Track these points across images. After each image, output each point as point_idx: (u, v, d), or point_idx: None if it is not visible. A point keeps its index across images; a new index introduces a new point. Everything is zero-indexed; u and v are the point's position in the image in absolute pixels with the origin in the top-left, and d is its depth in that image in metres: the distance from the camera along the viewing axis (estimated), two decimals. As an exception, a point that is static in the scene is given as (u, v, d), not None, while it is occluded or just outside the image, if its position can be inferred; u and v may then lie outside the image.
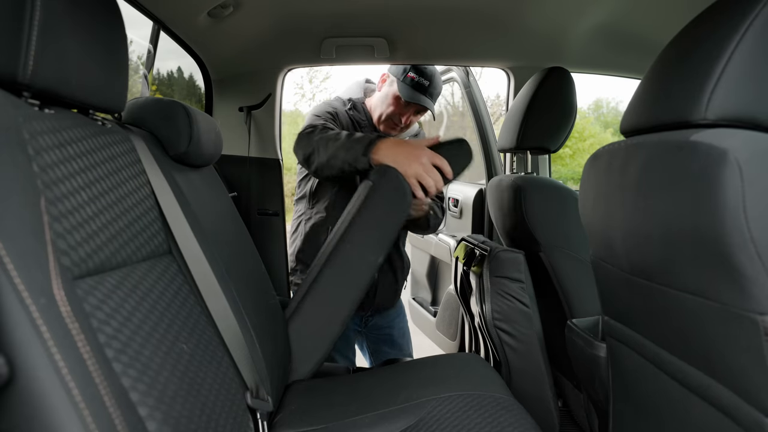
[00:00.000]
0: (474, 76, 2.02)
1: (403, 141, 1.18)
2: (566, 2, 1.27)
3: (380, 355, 1.64)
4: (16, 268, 0.42)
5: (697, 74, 0.53)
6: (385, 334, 1.63)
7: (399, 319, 1.66)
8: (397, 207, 1.14)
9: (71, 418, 0.42)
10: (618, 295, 0.74)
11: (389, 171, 1.14)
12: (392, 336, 1.63)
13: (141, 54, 1.43)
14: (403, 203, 1.14)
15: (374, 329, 1.63)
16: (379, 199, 1.13)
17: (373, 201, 1.13)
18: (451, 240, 2.04)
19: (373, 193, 1.13)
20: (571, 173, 9.11)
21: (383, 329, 1.62)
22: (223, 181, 1.14)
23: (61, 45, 0.55)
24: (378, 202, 1.13)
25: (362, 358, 1.72)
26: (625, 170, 0.63)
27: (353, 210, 1.15)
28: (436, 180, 1.12)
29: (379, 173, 1.14)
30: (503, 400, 0.94)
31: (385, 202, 1.13)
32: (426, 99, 1.41)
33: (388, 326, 1.62)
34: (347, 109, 1.52)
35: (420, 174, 1.11)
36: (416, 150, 1.13)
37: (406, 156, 1.12)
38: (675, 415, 0.63)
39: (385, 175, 1.14)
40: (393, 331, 1.63)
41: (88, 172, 0.59)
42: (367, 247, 1.13)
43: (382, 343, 1.64)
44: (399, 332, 1.65)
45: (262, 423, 0.79)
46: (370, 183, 1.15)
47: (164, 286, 0.67)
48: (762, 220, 0.45)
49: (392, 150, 1.13)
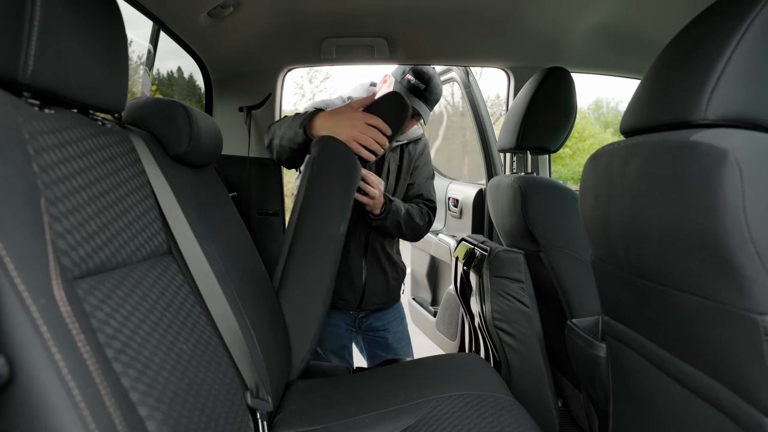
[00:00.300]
0: (474, 76, 2.02)
1: (337, 109, 1.20)
2: (566, 2, 1.27)
3: (376, 358, 1.61)
4: (16, 268, 0.42)
5: (697, 74, 0.53)
6: (380, 336, 1.59)
7: (396, 322, 1.62)
8: (343, 171, 1.15)
9: (71, 418, 0.42)
10: (618, 295, 0.74)
11: (325, 140, 1.14)
12: (387, 339, 1.59)
13: (141, 54, 1.43)
14: (347, 167, 1.14)
15: (369, 331, 1.59)
16: (323, 169, 1.14)
17: (317, 173, 1.13)
18: (451, 240, 2.04)
19: (316, 165, 1.13)
20: (571, 173, 9.11)
21: (378, 332, 1.59)
22: (223, 181, 1.14)
23: (61, 45, 0.55)
24: (323, 172, 1.14)
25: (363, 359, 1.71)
26: (625, 170, 0.63)
27: (302, 188, 1.14)
28: (375, 137, 1.16)
29: (318, 145, 1.14)
30: (503, 400, 0.94)
31: (330, 171, 1.14)
32: (419, 103, 1.39)
33: (383, 329, 1.59)
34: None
35: (356, 136, 1.14)
36: (348, 114, 1.16)
37: (338, 122, 1.15)
38: (675, 415, 0.63)
39: (323, 145, 1.14)
40: (388, 334, 1.59)
41: (88, 172, 0.59)
42: (327, 219, 1.13)
43: (377, 346, 1.60)
44: (395, 336, 1.61)
45: (262, 423, 0.79)
46: (311, 157, 1.15)
47: (164, 285, 0.67)
48: (762, 220, 0.45)
49: (326, 120, 1.16)
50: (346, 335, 1.59)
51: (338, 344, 1.57)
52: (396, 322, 1.61)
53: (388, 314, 1.59)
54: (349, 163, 1.15)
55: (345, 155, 1.15)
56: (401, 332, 1.63)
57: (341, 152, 1.15)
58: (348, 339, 1.60)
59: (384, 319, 1.59)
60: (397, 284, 1.58)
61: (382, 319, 1.58)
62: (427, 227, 1.48)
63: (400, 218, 1.39)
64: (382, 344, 1.59)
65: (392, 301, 1.59)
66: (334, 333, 1.56)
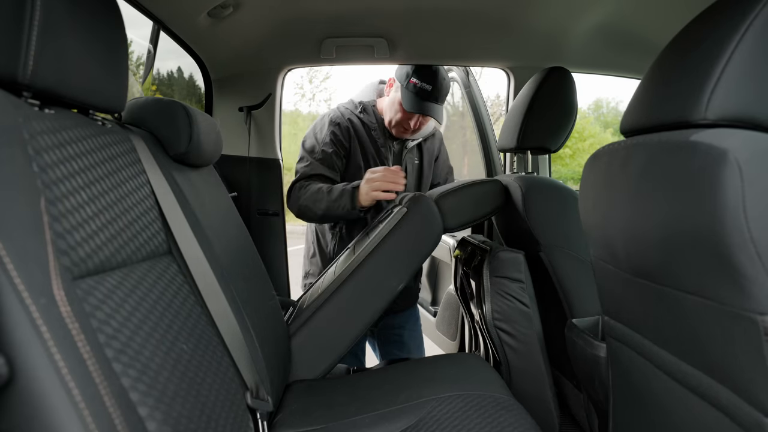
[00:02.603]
0: (474, 76, 2.02)
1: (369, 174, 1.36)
2: (566, 2, 1.27)
3: (390, 357, 1.63)
4: (16, 268, 0.42)
5: (697, 74, 0.53)
6: (395, 335, 1.62)
7: (411, 322, 1.65)
8: (427, 236, 1.18)
9: (71, 418, 0.42)
10: (618, 295, 0.74)
11: (424, 200, 1.19)
12: (402, 337, 1.62)
13: (141, 54, 1.43)
14: (432, 233, 1.18)
15: (385, 329, 1.62)
16: (410, 227, 1.17)
17: (404, 227, 1.17)
18: (451, 240, 2.04)
19: (406, 220, 1.17)
20: (571, 173, 9.10)
21: (394, 329, 1.61)
22: (223, 181, 1.14)
23: (61, 45, 0.55)
24: (409, 230, 1.17)
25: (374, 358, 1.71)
26: (625, 170, 0.63)
27: (384, 232, 1.17)
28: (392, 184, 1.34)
29: (413, 201, 1.18)
30: (503, 400, 0.94)
31: (416, 230, 1.18)
32: (430, 105, 1.40)
33: (399, 327, 1.62)
34: (358, 113, 1.53)
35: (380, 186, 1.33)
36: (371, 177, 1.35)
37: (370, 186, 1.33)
38: (675, 415, 0.63)
39: (420, 204, 1.18)
40: (404, 332, 1.62)
41: (88, 172, 0.59)
42: (392, 271, 1.16)
43: (393, 344, 1.63)
44: (410, 334, 1.64)
45: (262, 423, 0.78)
46: (404, 210, 1.18)
47: (164, 286, 0.67)
48: (762, 220, 0.45)
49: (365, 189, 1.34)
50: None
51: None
52: (411, 321, 1.65)
53: (405, 314, 1.62)
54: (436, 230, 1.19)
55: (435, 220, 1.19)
56: (415, 331, 1.66)
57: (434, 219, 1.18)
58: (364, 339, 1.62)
59: (400, 319, 1.62)
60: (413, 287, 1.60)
61: (398, 318, 1.61)
62: None
63: None
64: (397, 342, 1.62)
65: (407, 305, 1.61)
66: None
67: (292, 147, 1.50)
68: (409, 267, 1.17)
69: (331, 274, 1.28)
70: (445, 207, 1.22)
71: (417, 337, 1.67)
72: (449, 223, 1.22)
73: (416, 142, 1.56)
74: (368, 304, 1.15)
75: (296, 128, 12.11)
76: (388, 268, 1.15)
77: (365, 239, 1.25)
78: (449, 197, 1.24)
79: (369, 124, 1.52)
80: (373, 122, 1.53)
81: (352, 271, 1.15)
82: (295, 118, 13.38)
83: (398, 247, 1.16)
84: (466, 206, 1.26)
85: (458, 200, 1.25)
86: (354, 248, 1.27)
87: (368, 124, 1.52)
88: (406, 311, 1.63)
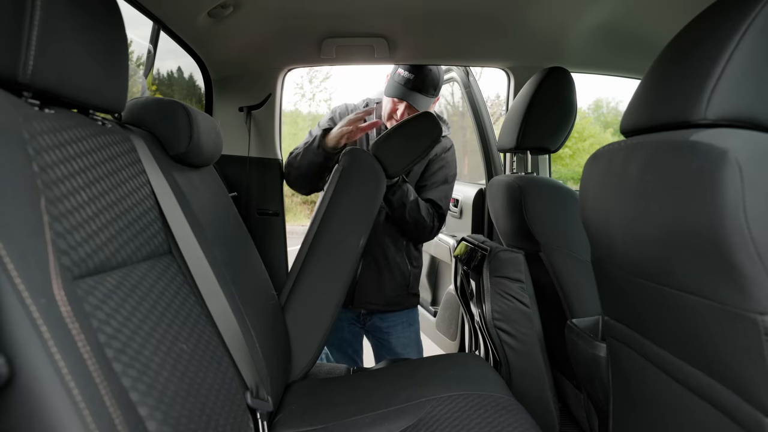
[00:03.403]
0: (474, 76, 2.02)
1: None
2: (566, 2, 1.27)
3: (381, 360, 1.59)
4: (17, 268, 0.42)
5: (697, 74, 0.53)
6: (383, 339, 1.57)
7: (401, 327, 1.57)
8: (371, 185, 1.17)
9: (71, 418, 0.42)
10: (618, 295, 0.74)
11: (356, 152, 1.18)
12: (390, 343, 1.56)
13: (141, 54, 1.43)
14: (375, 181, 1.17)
15: (373, 331, 1.58)
16: (351, 180, 1.16)
17: (346, 183, 1.16)
18: (451, 240, 2.04)
19: (345, 176, 1.16)
20: (571, 173, 9.10)
21: (382, 332, 1.57)
22: (223, 181, 1.14)
23: (61, 45, 0.55)
24: (351, 183, 1.16)
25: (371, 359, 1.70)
26: (625, 170, 0.63)
27: (328, 195, 1.16)
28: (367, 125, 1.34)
29: (348, 155, 1.17)
30: (503, 400, 0.94)
31: (357, 182, 1.17)
32: (411, 93, 1.40)
33: (386, 331, 1.56)
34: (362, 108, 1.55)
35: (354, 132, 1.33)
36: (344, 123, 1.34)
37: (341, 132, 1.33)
38: (675, 414, 0.63)
39: (353, 156, 1.17)
40: (391, 338, 1.56)
41: (88, 172, 0.59)
42: (347, 229, 1.15)
43: (381, 347, 1.59)
44: (399, 341, 1.56)
45: (262, 423, 0.78)
46: (341, 167, 1.17)
47: (164, 286, 0.67)
48: (762, 220, 0.45)
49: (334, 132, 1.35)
50: (349, 330, 1.58)
51: (339, 338, 1.57)
52: (401, 326, 1.57)
53: (394, 317, 1.56)
54: (377, 177, 1.18)
55: (374, 169, 1.18)
56: (407, 338, 1.58)
57: (370, 165, 1.18)
58: (351, 335, 1.60)
59: (388, 321, 1.56)
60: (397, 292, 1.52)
61: (387, 320, 1.56)
62: (431, 230, 1.46)
63: (407, 201, 1.39)
64: (385, 346, 1.58)
65: (394, 306, 1.54)
66: (340, 334, 1.56)
67: (292, 147, 1.50)
68: (364, 220, 1.16)
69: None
70: (381, 154, 1.24)
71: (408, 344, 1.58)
72: (391, 169, 1.23)
73: None
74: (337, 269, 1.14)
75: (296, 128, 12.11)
76: (343, 228, 1.15)
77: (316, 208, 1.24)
78: (383, 143, 1.26)
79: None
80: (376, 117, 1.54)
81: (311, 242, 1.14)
82: (295, 118, 13.38)
83: (346, 204, 1.15)
84: (401, 146, 1.27)
85: (392, 143, 1.27)
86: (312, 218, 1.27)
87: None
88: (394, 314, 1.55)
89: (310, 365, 1.12)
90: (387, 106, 1.47)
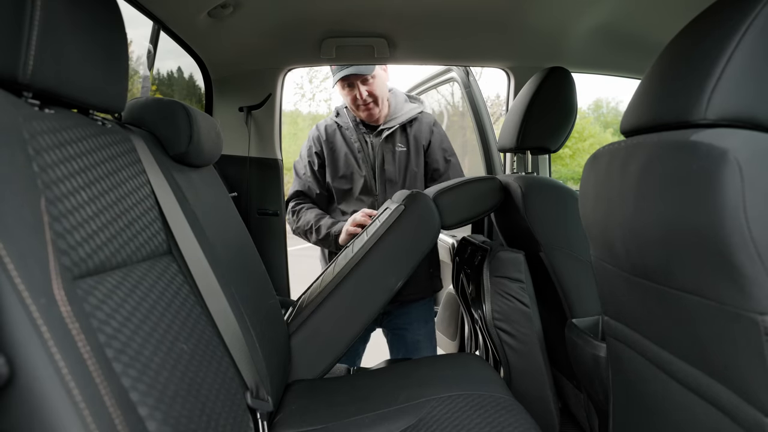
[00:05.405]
0: (474, 76, 2.02)
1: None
2: (567, 2, 1.27)
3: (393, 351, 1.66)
4: (17, 268, 0.42)
5: (697, 74, 0.53)
6: (400, 334, 1.62)
7: (418, 324, 1.62)
8: (425, 234, 1.18)
9: (71, 418, 0.42)
10: (618, 295, 0.74)
11: (422, 198, 1.19)
12: (405, 338, 1.62)
13: (141, 54, 1.43)
14: (430, 231, 1.18)
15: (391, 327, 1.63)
16: (408, 224, 1.17)
17: (402, 225, 1.17)
18: (451, 240, 2.04)
19: (403, 218, 1.17)
20: (571, 173, 9.11)
21: (399, 329, 1.62)
22: (223, 181, 1.15)
23: (62, 45, 0.55)
24: (407, 227, 1.17)
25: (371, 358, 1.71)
26: (625, 170, 0.63)
27: (381, 231, 1.17)
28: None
29: (414, 202, 1.18)
30: (503, 400, 0.94)
31: (413, 228, 1.18)
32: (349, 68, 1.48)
33: (404, 327, 1.62)
34: (335, 118, 1.63)
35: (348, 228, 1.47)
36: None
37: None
38: (675, 414, 0.63)
39: (418, 202, 1.18)
40: (407, 333, 1.61)
41: (88, 172, 0.59)
42: (390, 269, 1.16)
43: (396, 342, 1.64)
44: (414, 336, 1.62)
45: (262, 423, 0.78)
46: (402, 207, 1.18)
47: (164, 286, 0.67)
48: (762, 220, 0.45)
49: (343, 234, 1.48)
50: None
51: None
52: (417, 323, 1.63)
53: (412, 314, 1.61)
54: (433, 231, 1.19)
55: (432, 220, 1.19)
56: (422, 334, 1.64)
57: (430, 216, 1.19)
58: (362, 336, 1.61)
59: (407, 317, 1.61)
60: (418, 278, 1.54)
61: (404, 317, 1.61)
62: None
63: None
64: (400, 339, 1.63)
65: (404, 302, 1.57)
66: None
67: (292, 147, 1.52)
68: (407, 265, 1.16)
69: (330, 273, 1.28)
70: (442, 204, 1.23)
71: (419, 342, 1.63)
72: (447, 221, 1.23)
73: (392, 129, 1.56)
74: (366, 303, 1.15)
75: (296, 128, 12.11)
76: (386, 267, 1.16)
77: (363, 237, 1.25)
78: (447, 194, 1.25)
79: (342, 125, 1.61)
80: (347, 122, 1.61)
81: (350, 270, 1.15)
82: (295, 118, 13.39)
83: (396, 245, 1.16)
84: (463, 204, 1.26)
85: (456, 197, 1.26)
86: (353, 247, 1.27)
87: (342, 125, 1.61)
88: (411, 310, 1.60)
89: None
90: (347, 98, 1.55)
